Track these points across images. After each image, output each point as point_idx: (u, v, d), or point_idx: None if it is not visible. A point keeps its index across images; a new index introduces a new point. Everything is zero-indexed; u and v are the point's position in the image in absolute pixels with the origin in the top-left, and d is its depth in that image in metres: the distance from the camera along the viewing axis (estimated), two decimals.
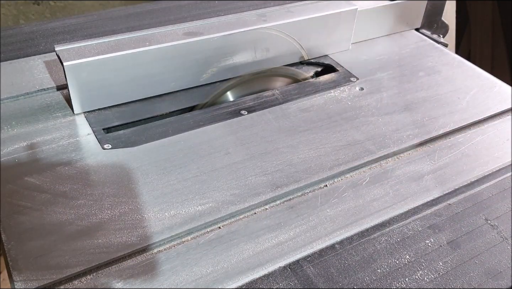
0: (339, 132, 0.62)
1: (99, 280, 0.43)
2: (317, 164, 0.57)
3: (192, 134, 0.60)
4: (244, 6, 0.90)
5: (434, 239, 0.51)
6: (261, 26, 0.68)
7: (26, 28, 0.81)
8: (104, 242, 0.46)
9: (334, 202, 0.52)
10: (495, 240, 0.51)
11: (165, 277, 0.44)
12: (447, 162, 0.59)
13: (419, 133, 0.63)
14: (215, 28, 0.67)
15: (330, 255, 0.48)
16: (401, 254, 0.49)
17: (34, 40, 0.78)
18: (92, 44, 0.61)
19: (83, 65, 0.58)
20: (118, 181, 0.52)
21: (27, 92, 0.64)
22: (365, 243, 0.50)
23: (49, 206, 0.49)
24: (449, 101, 0.69)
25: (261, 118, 0.63)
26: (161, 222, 0.48)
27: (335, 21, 0.75)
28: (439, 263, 0.48)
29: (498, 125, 0.66)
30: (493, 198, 0.56)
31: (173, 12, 0.89)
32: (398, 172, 0.57)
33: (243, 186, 0.53)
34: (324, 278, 0.46)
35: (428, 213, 0.54)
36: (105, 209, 0.49)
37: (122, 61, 0.61)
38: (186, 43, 0.64)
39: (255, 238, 0.48)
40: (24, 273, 0.42)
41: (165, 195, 0.51)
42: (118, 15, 0.87)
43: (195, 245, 0.47)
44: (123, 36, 0.63)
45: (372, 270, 0.47)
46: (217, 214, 0.50)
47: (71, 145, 0.57)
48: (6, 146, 0.55)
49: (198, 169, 0.55)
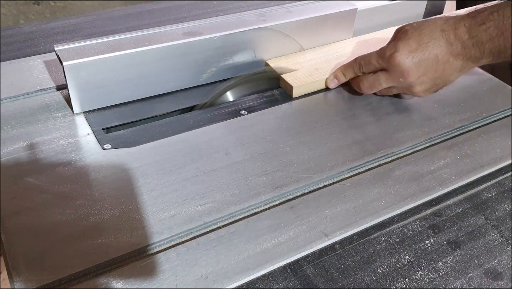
0: (339, 132, 0.62)
1: (99, 280, 0.43)
2: (317, 164, 0.57)
3: (192, 134, 0.60)
4: (244, 6, 0.91)
5: (434, 239, 0.51)
6: (261, 26, 0.68)
7: (26, 28, 0.81)
8: (103, 242, 0.46)
9: (334, 202, 0.52)
10: (495, 240, 0.51)
11: (165, 277, 0.44)
12: (447, 162, 0.59)
13: (419, 134, 0.63)
14: (215, 28, 0.67)
15: (330, 255, 0.48)
16: (401, 254, 0.49)
17: (34, 40, 0.78)
18: (92, 44, 0.61)
19: (83, 65, 0.58)
20: (118, 181, 0.52)
21: (27, 92, 0.64)
22: (365, 243, 0.50)
23: (49, 206, 0.49)
24: (449, 101, 0.69)
25: (261, 118, 0.63)
26: (161, 222, 0.48)
27: (335, 21, 0.75)
28: (439, 263, 0.48)
29: (498, 125, 0.66)
30: (493, 198, 0.56)
31: (173, 12, 0.89)
32: (398, 172, 0.57)
33: (243, 186, 0.53)
34: (324, 278, 0.46)
35: (428, 213, 0.54)
36: (105, 209, 0.49)
37: (122, 61, 0.61)
38: (186, 43, 0.64)
39: (255, 238, 0.48)
40: (24, 273, 0.42)
41: (165, 195, 0.51)
42: (118, 15, 0.87)
43: (195, 245, 0.47)
44: (123, 36, 0.63)
45: (372, 270, 0.47)
46: (217, 214, 0.50)
47: (70, 145, 0.57)
48: (6, 146, 0.56)
49: (198, 169, 0.55)
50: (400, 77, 0.60)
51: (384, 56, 0.60)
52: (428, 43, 0.58)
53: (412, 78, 0.59)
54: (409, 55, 0.58)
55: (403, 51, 0.59)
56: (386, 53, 0.60)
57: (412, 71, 0.59)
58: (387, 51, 0.60)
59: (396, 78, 0.61)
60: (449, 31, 0.57)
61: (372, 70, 0.63)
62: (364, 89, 0.64)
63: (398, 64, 0.59)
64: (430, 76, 0.59)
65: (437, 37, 0.58)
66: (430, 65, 0.59)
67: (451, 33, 0.57)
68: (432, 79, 0.60)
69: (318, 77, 0.69)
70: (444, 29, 0.58)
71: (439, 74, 0.60)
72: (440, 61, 0.58)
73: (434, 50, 0.58)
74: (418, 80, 0.60)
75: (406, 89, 0.63)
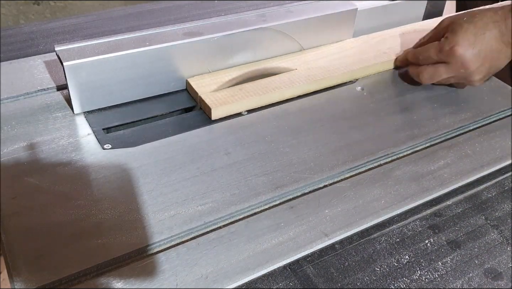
0: (339, 132, 0.62)
1: (99, 280, 0.43)
2: (317, 164, 0.57)
3: (192, 134, 0.60)
4: (244, 6, 0.91)
5: (434, 239, 0.51)
6: (261, 26, 0.68)
7: (26, 28, 0.81)
8: (103, 242, 0.46)
9: (334, 202, 0.52)
10: (495, 240, 0.51)
11: (165, 277, 0.44)
12: (447, 162, 0.59)
13: (419, 134, 0.63)
14: (215, 28, 0.67)
15: (330, 255, 0.48)
16: (401, 254, 0.49)
17: (34, 40, 0.78)
18: (92, 44, 0.61)
19: (83, 65, 0.58)
20: (118, 181, 0.52)
21: (27, 92, 0.64)
22: (365, 243, 0.50)
23: (49, 206, 0.49)
24: (449, 101, 0.69)
25: (261, 118, 0.63)
26: (161, 222, 0.48)
27: (335, 21, 0.75)
28: (438, 263, 0.48)
29: (498, 125, 0.66)
30: (493, 198, 0.56)
31: (173, 12, 0.89)
32: (398, 172, 0.57)
33: (243, 186, 0.53)
34: (324, 278, 0.46)
35: (428, 213, 0.54)
36: (105, 209, 0.49)
37: (122, 61, 0.61)
38: (186, 43, 0.64)
39: (255, 238, 0.48)
40: (24, 273, 0.42)
41: (165, 195, 0.51)
42: (118, 15, 0.87)
43: (195, 245, 0.47)
44: (123, 36, 0.63)
45: (372, 270, 0.47)
46: (217, 214, 0.50)
47: (71, 145, 0.57)
48: (6, 146, 0.56)
49: (198, 169, 0.55)
50: (461, 69, 0.64)
51: (443, 50, 0.64)
52: (484, 34, 0.62)
53: (472, 69, 0.63)
54: (469, 48, 0.62)
55: (463, 44, 0.62)
56: (445, 47, 0.63)
57: (472, 62, 0.63)
58: (445, 45, 0.63)
59: (457, 70, 0.64)
60: (501, 22, 0.62)
61: (431, 62, 0.66)
62: (424, 80, 0.68)
63: (459, 56, 0.63)
64: (487, 65, 0.64)
65: (491, 28, 0.62)
66: (487, 55, 0.63)
67: (503, 24, 0.62)
68: (487, 68, 0.64)
69: (240, 97, 0.63)
70: (496, 20, 0.62)
71: (494, 63, 0.64)
72: (494, 51, 0.63)
73: (490, 41, 0.62)
74: (477, 70, 0.64)
75: (464, 79, 0.66)
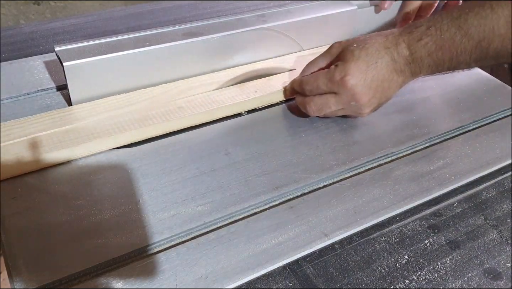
0: (339, 132, 0.62)
1: (99, 280, 0.43)
2: (317, 164, 0.57)
3: (192, 134, 0.60)
4: (244, 6, 0.91)
5: (434, 239, 0.51)
6: (260, 27, 0.68)
7: (26, 28, 0.81)
8: (103, 242, 0.46)
9: (334, 202, 0.52)
10: (495, 240, 0.51)
11: (165, 277, 0.44)
12: (447, 162, 0.59)
13: (419, 134, 0.63)
14: (215, 28, 0.67)
15: (330, 255, 0.48)
16: (400, 254, 0.49)
17: (34, 40, 0.78)
18: (92, 45, 0.61)
19: (83, 65, 0.58)
20: (118, 181, 0.52)
21: (27, 92, 0.64)
22: (365, 243, 0.50)
23: (49, 206, 0.49)
24: (449, 101, 0.69)
25: (261, 118, 0.63)
26: (161, 222, 0.48)
27: (335, 22, 0.75)
28: (438, 263, 0.48)
29: (498, 125, 0.66)
30: (493, 198, 0.56)
31: (173, 12, 0.89)
32: (398, 172, 0.57)
33: (243, 186, 0.53)
34: (323, 278, 0.46)
35: (427, 213, 0.54)
36: (105, 209, 0.49)
37: (122, 61, 0.61)
38: (186, 43, 0.64)
39: (255, 238, 0.48)
40: (24, 273, 0.42)
41: (165, 195, 0.51)
42: (118, 15, 0.87)
43: (195, 245, 0.47)
44: (123, 36, 0.63)
45: (372, 270, 0.47)
46: (217, 214, 0.50)
47: None
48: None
49: (198, 169, 0.55)
50: (352, 101, 0.57)
51: (333, 79, 0.56)
52: (376, 63, 0.56)
53: (364, 101, 0.57)
54: (360, 78, 0.55)
55: (355, 74, 0.55)
56: (335, 76, 0.56)
57: (364, 94, 0.56)
58: (336, 74, 0.56)
59: (347, 102, 0.58)
60: (392, 49, 0.56)
61: (319, 93, 0.59)
62: (312, 112, 0.60)
63: (350, 88, 0.56)
64: (378, 96, 0.58)
65: (383, 55, 0.56)
66: (378, 85, 0.57)
67: (394, 50, 0.56)
68: (378, 99, 0.58)
69: None
70: (387, 46, 0.56)
71: (385, 93, 0.58)
72: (386, 80, 0.57)
73: (382, 70, 0.56)
74: (368, 102, 0.57)
75: (354, 112, 0.60)
